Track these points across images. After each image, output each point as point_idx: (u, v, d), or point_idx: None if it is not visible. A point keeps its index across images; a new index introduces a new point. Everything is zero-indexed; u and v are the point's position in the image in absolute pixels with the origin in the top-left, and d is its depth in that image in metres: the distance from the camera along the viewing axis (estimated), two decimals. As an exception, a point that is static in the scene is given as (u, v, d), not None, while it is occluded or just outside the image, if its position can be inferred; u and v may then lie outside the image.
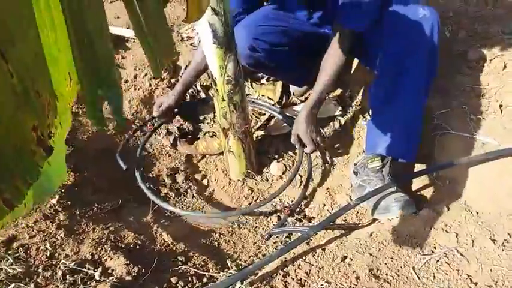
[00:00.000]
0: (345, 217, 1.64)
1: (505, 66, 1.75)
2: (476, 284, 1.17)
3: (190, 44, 2.24)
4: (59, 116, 0.65)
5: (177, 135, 2.01)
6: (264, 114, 2.12)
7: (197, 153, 2.01)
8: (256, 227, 1.71)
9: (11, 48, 0.51)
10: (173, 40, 0.78)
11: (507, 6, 2.00)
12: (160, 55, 0.69)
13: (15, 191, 0.56)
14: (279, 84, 2.20)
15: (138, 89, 2.11)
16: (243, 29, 1.73)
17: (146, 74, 2.14)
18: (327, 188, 1.80)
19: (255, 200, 1.83)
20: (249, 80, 2.24)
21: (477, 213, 1.40)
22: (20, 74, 0.53)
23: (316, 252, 1.40)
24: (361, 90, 2.07)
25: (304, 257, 1.39)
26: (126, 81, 2.13)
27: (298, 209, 1.74)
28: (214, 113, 1.97)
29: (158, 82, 2.13)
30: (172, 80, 2.15)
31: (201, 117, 2.12)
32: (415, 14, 1.59)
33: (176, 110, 1.98)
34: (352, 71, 2.14)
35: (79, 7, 0.56)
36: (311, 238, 1.48)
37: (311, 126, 1.69)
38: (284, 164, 1.95)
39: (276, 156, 1.98)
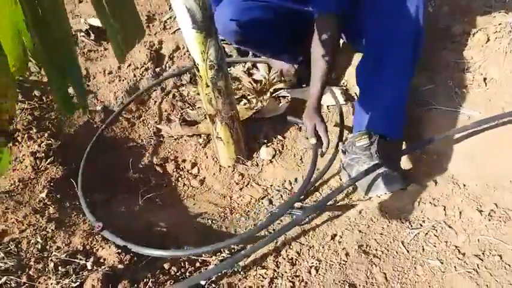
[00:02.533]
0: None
1: (487, 40, 1.76)
2: (464, 254, 1.18)
3: (173, 33, 2.22)
4: None
5: (178, 121, 2.01)
6: (254, 99, 2.11)
7: (199, 134, 2.00)
8: (248, 211, 1.72)
9: None
10: (140, 18, 0.75)
11: (489, -20, 1.99)
12: (127, 37, 0.68)
13: None
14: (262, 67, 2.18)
15: (123, 80, 2.10)
16: (227, 6, 1.73)
17: (130, 65, 2.12)
18: (317, 169, 1.81)
19: (246, 185, 1.83)
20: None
21: (464, 185, 1.41)
22: None
23: (306, 232, 1.41)
24: (348, 72, 2.07)
25: (295, 237, 1.40)
26: (110, 73, 2.11)
27: (288, 190, 1.75)
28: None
29: (142, 72, 2.12)
30: (157, 69, 2.13)
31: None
32: None
33: None
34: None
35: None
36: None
37: (321, 119, 1.65)
38: (274, 148, 1.95)
39: (266, 140, 1.98)
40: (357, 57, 1.90)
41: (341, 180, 1.76)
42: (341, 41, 2.09)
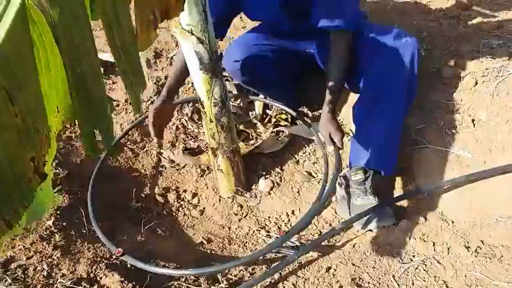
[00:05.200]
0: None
1: (476, 83, 1.86)
2: (451, 289, 1.25)
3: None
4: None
5: (181, 148, 2.10)
6: (255, 136, 2.19)
7: (199, 164, 2.07)
8: (246, 242, 1.78)
9: (18, 93, 0.59)
10: (143, 71, 0.85)
11: (477, 27, 2.12)
12: (138, 89, 0.77)
13: (14, 213, 0.65)
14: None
15: (129, 112, 2.19)
16: (237, 48, 1.83)
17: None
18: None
19: (244, 217, 1.90)
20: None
21: (453, 222, 1.48)
22: (24, 114, 0.62)
23: (302, 264, 1.47)
24: (345, 109, 2.16)
25: (291, 269, 1.46)
26: (118, 105, 2.21)
27: (285, 222, 1.81)
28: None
29: (148, 105, 2.21)
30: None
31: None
32: (397, 40, 1.70)
33: None
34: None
35: (75, 55, 0.65)
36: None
37: (337, 125, 1.75)
38: (272, 181, 2.03)
39: (264, 173, 2.06)
40: (353, 96, 2.00)
41: (336, 212, 1.82)
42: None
